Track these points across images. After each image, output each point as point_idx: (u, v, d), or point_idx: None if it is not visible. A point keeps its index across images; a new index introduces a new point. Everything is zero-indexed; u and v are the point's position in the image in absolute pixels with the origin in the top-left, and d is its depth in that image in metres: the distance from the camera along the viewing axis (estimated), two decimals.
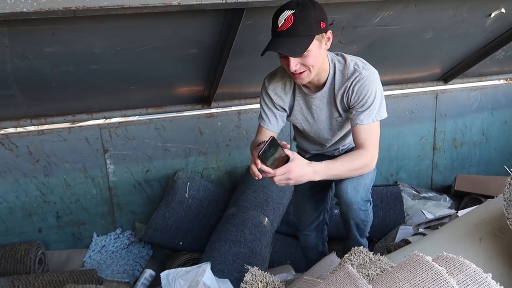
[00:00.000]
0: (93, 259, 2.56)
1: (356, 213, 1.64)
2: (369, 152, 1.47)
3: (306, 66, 1.40)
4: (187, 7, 1.47)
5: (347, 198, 1.60)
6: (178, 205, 2.43)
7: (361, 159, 1.46)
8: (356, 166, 1.46)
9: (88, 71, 1.95)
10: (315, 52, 1.39)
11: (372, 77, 1.46)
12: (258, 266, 1.61)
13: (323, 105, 1.58)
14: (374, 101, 1.46)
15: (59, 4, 1.32)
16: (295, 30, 1.32)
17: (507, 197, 1.31)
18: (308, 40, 1.34)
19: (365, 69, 1.47)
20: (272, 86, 1.59)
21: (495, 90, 3.32)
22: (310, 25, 1.33)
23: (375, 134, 1.49)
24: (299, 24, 1.31)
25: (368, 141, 1.47)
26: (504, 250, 1.36)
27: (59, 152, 2.47)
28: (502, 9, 2.15)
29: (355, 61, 1.51)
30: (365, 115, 1.46)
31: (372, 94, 1.45)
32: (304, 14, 1.32)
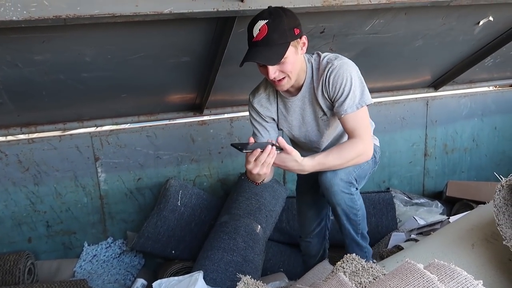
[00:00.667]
0: (84, 269, 2.52)
1: (339, 197, 1.56)
2: (361, 140, 1.46)
3: (284, 72, 1.43)
4: (179, 15, 1.47)
5: (325, 181, 1.55)
6: (170, 213, 2.42)
7: (354, 148, 1.46)
8: (350, 156, 1.46)
9: (79, 79, 1.94)
10: (292, 58, 1.42)
11: (345, 66, 1.46)
12: (251, 274, 1.60)
13: (305, 105, 1.59)
14: (352, 87, 1.45)
15: (49, 13, 1.32)
16: (270, 39, 1.35)
17: (497, 203, 1.32)
18: (283, 47, 1.37)
19: (337, 59, 1.48)
20: (256, 99, 1.63)
21: (484, 96, 3.36)
22: (284, 32, 1.36)
23: (363, 121, 1.49)
24: (273, 33, 1.35)
25: (357, 130, 1.47)
26: (497, 256, 1.36)
27: (50, 160, 2.44)
28: (490, 17, 2.18)
29: (329, 56, 1.52)
30: (347, 105, 1.46)
31: (348, 81, 1.45)
32: (277, 22, 1.35)
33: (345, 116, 1.47)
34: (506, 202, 1.34)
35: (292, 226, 2.56)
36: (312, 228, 1.93)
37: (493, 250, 1.39)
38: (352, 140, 1.48)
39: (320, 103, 1.55)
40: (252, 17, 1.64)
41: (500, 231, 1.29)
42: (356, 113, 1.47)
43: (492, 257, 1.37)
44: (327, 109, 1.56)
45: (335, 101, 1.49)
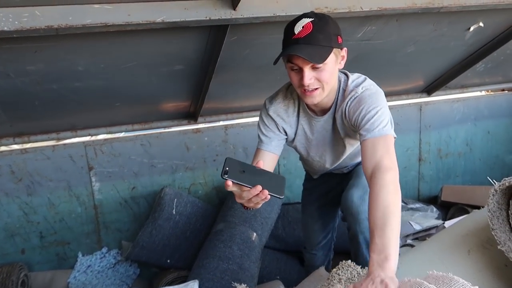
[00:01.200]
0: (78, 279, 2.49)
1: (363, 225, 1.45)
2: (381, 168, 1.18)
3: (320, 81, 1.27)
4: (171, 24, 1.48)
5: (353, 207, 1.45)
6: (165, 222, 2.40)
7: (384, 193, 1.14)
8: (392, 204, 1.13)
9: (72, 88, 1.93)
10: (331, 67, 1.27)
11: (369, 93, 1.32)
12: (247, 282, 1.59)
13: (329, 127, 1.46)
14: (375, 113, 1.27)
15: (41, 23, 1.32)
16: (315, 37, 1.21)
17: (491, 208, 1.32)
18: (327, 51, 1.23)
19: (365, 84, 1.35)
20: (273, 107, 1.47)
21: (477, 101, 3.39)
22: (329, 36, 1.24)
23: (388, 147, 1.25)
24: (318, 32, 1.22)
25: (382, 158, 1.20)
26: (493, 262, 1.36)
27: (43, 170, 2.42)
28: (480, 23, 2.21)
29: (357, 79, 1.39)
30: (367, 129, 1.27)
31: (368, 105, 1.29)
32: (323, 23, 1.24)
33: (366, 141, 1.26)
34: (500, 206, 1.34)
35: (288, 233, 2.55)
36: (318, 241, 1.86)
37: (489, 256, 1.38)
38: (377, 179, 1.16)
39: (338, 127, 1.43)
40: (245, 25, 1.66)
41: (494, 235, 1.30)
42: (379, 139, 1.25)
43: (488, 263, 1.37)
44: (345, 133, 1.44)
45: (357, 128, 1.32)
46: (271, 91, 2.51)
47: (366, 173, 1.23)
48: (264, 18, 1.57)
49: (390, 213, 1.11)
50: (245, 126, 2.75)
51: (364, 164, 1.25)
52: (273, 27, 1.74)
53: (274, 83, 2.28)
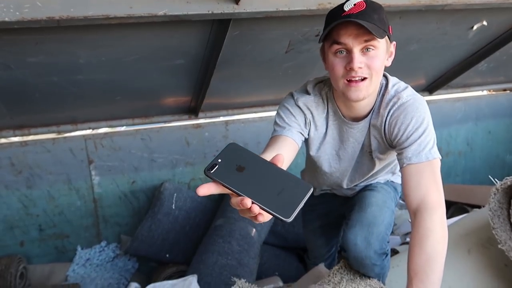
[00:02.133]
0: (77, 273, 2.50)
1: (369, 269, 1.29)
2: (428, 208, 1.06)
3: (370, 69, 1.08)
4: (173, 17, 1.46)
5: (356, 252, 1.25)
6: (164, 216, 2.40)
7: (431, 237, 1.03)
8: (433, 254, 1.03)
9: (72, 81, 1.92)
10: (383, 55, 1.10)
11: (416, 103, 1.16)
12: (245, 278, 1.59)
13: (362, 137, 1.26)
14: (423, 132, 1.12)
15: (42, 14, 1.30)
16: (369, 15, 1.04)
17: (492, 207, 1.32)
18: (381, 32, 1.05)
19: (408, 92, 1.19)
20: (303, 99, 1.24)
21: (478, 100, 3.38)
22: (383, 19, 1.08)
23: (436, 177, 1.10)
24: (373, 12, 1.06)
25: (424, 190, 1.08)
26: (493, 262, 1.36)
27: (43, 163, 2.42)
28: (484, 22, 2.19)
29: (398, 84, 1.23)
30: (412, 151, 1.12)
31: (415, 121, 1.13)
32: (377, 6, 1.09)
33: (409, 166, 1.11)
34: (501, 205, 1.34)
35: (287, 230, 2.55)
36: (322, 254, 1.78)
37: (489, 256, 1.38)
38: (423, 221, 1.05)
39: (371, 139, 1.25)
40: (247, 20, 1.64)
41: (495, 234, 1.29)
42: (426, 164, 1.10)
43: (488, 263, 1.37)
44: (375, 149, 1.27)
45: (398, 146, 1.16)
46: (273, 88, 2.52)
47: (410, 206, 1.10)
48: (267, 13, 1.56)
49: (433, 262, 1.01)
50: (246, 122, 2.75)
51: (408, 194, 1.11)
52: (276, 22, 1.73)
53: (276, 79, 2.29)
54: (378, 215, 1.29)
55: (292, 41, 1.92)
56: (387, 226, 1.30)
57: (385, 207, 1.34)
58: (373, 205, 1.32)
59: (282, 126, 1.21)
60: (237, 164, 0.73)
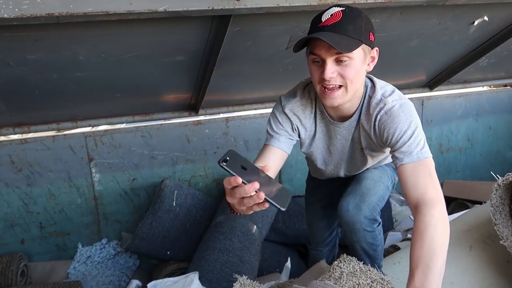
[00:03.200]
0: (77, 270, 2.50)
1: (360, 235, 1.39)
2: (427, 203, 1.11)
3: (344, 78, 1.15)
4: (173, 13, 1.45)
5: (348, 216, 1.37)
6: (165, 213, 2.40)
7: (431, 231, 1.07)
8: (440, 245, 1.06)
9: (72, 78, 1.91)
10: (358, 64, 1.15)
11: (403, 108, 1.21)
12: (247, 274, 1.59)
13: (349, 136, 1.35)
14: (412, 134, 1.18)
15: (41, 10, 1.29)
16: (342, 27, 1.10)
17: (494, 202, 1.32)
18: (355, 43, 1.11)
19: (395, 96, 1.24)
20: (290, 105, 1.34)
21: (479, 96, 3.38)
22: (360, 29, 1.12)
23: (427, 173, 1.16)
24: (348, 23, 1.10)
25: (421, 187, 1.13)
26: (494, 258, 1.36)
27: (43, 161, 2.42)
28: (485, 17, 2.19)
29: (385, 87, 1.28)
30: (403, 153, 1.18)
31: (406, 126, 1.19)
32: (355, 15, 1.13)
33: (405, 166, 1.17)
34: (503, 201, 1.34)
35: (288, 226, 2.55)
36: (324, 238, 1.84)
37: (491, 252, 1.38)
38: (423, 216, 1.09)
39: (361, 138, 1.33)
40: (248, 15, 1.64)
41: (497, 230, 1.29)
42: (420, 164, 1.16)
43: (490, 259, 1.37)
44: (367, 146, 1.35)
45: (391, 148, 1.24)
46: (273, 84, 2.51)
47: (410, 204, 1.16)
48: (267, 9, 1.55)
49: (434, 255, 1.04)
50: (246, 119, 2.74)
51: (407, 194, 1.16)
52: (276, 18, 1.72)
53: (277, 75, 2.28)
54: (372, 187, 1.40)
55: (293, 37, 1.91)
56: (380, 198, 1.41)
57: (380, 181, 1.45)
58: (368, 178, 1.44)
59: (272, 134, 1.35)
60: (240, 164, 0.89)
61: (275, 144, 1.33)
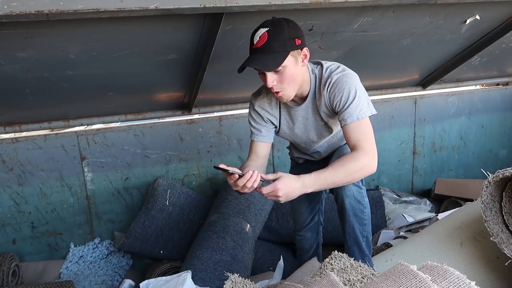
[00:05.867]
0: (70, 270, 2.48)
1: (348, 187, 1.56)
2: (363, 152, 1.41)
3: (282, 83, 1.42)
4: (165, 11, 1.45)
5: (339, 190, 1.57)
6: (158, 213, 2.39)
7: (356, 160, 1.39)
8: (352, 169, 1.39)
9: (63, 76, 1.90)
10: (291, 69, 1.41)
11: (346, 77, 1.45)
12: (240, 273, 1.59)
13: (308, 115, 1.60)
14: (354, 98, 1.43)
15: (31, 7, 1.28)
16: (269, 46, 1.36)
17: (484, 200, 1.33)
18: (282, 56, 1.37)
19: (339, 70, 1.48)
20: (258, 102, 1.64)
21: (471, 95, 3.40)
22: (284, 41, 1.36)
23: (365, 132, 1.44)
24: (273, 41, 1.35)
25: (360, 141, 1.42)
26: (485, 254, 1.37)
27: (34, 160, 2.40)
28: (476, 16, 2.20)
29: (331, 66, 1.51)
30: (348, 114, 1.43)
31: (349, 91, 1.43)
32: (278, 31, 1.36)
33: (346, 126, 1.44)
34: (493, 198, 1.34)
35: (282, 225, 2.55)
36: (306, 222, 1.94)
37: (482, 248, 1.39)
38: (353, 152, 1.42)
39: (321, 114, 1.56)
40: (240, 14, 1.64)
41: (487, 227, 1.30)
42: (358, 124, 1.43)
43: (480, 255, 1.38)
44: (328, 118, 1.57)
45: (338, 113, 1.48)
46: None
47: (349, 146, 1.45)
48: (259, 7, 1.55)
49: (344, 173, 1.37)
50: (239, 117, 2.74)
51: (347, 142, 1.46)
52: (268, 16, 1.70)
53: None
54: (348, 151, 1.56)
55: None
56: None
57: None
58: (345, 149, 1.64)
59: (254, 132, 1.66)
60: None
61: (257, 138, 1.64)
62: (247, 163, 1.61)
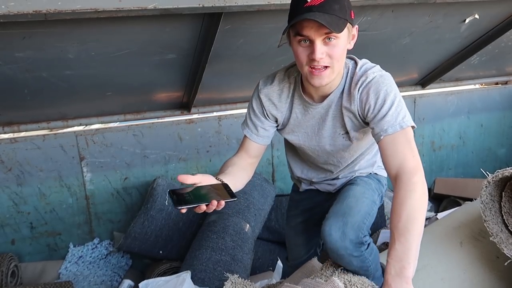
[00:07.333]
0: (69, 270, 2.48)
1: (346, 261, 1.27)
2: (407, 171, 1.12)
3: (331, 58, 1.15)
4: (164, 11, 1.44)
5: (331, 242, 1.24)
6: (157, 213, 2.38)
7: (411, 197, 1.09)
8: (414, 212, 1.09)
9: (62, 76, 1.89)
10: (344, 43, 1.16)
11: (382, 79, 1.22)
12: (239, 273, 1.59)
13: (327, 117, 1.32)
14: (392, 104, 1.18)
15: (29, 7, 1.28)
16: (330, 6, 1.09)
17: (483, 199, 1.33)
18: (342, 22, 1.11)
19: (375, 70, 1.25)
20: (266, 90, 1.35)
21: (470, 94, 3.40)
22: (344, 7, 1.12)
23: (407, 143, 1.16)
24: (334, 2, 1.10)
25: (407, 160, 1.13)
26: (485, 254, 1.37)
27: (33, 160, 2.39)
28: (475, 15, 2.20)
29: (366, 64, 1.28)
30: (387, 123, 1.17)
31: (383, 94, 1.19)
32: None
33: (387, 138, 1.16)
34: (492, 198, 1.34)
35: (281, 225, 2.55)
36: (300, 255, 1.72)
37: (481, 248, 1.39)
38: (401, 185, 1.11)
39: (345, 119, 1.29)
40: (239, 13, 1.63)
41: (487, 227, 1.30)
42: (403, 134, 1.16)
43: (480, 255, 1.38)
44: (352, 127, 1.31)
45: (371, 121, 1.21)
46: None
47: (390, 173, 1.17)
48: (258, 6, 1.55)
49: (414, 219, 1.08)
50: (238, 117, 2.73)
51: (387, 163, 1.18)
52: (267, 15, 1.72)
53: (269, 73, 2.27)
54: (354, 206, 1.32)
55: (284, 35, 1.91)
56: (365, 215, 1.31)
57: (363, 197, 1.37)
58: (350, 197, 1.36)
59: (249, 126, 1.40)
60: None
61: (252, 137, 1.39)
62: (232, 160, 1.38)
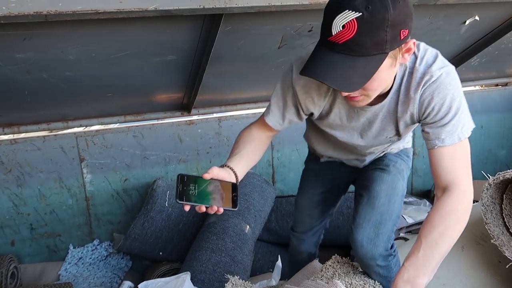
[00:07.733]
0: (69, 272, 2.47)
1: (373, 269, 1.28)
2: (459, 190, 1.05)
3: (367, 89, 0.99)
4: (164, 12, 1.44)
5: (362, 252, 1.25)
6: (157, 214, 2.38)
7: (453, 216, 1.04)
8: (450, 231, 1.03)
9: (62, 77, 1.89)
10: (384, 73, 0.97)
11: (448, 79, 1.07)
12: (239, 275, 1.58)
13: (375, 119, 1.17)
14: (456, 112, 1.06)
15: (29, 8, 1.27)
16: (358, 45, 0.89)
17: (484, 202, 1.33)
18: (375, 62, 0.92)
19: (439, 68, 1.07)
20: (303, 81, 1.12)
21: (471, 96, 3.39)
22: (383, 38, 0.89)
23: (466, 159, 1.08)
24: (365, 36, 0.88)
25: (458, 177, 1.06)
26: (486, 258, 1.37)
27: (33, 161, 2.39)
28: (476, 17, 2.20)
29: (427, 56, 1.09)
30: (446, 133, 1.06)
31: (449, 100, 1.06)
32: (378, 20, 0.87)
33: (442, 149, 1.06)
34: (493, 200, 1.34)
35: (281, 226, 2.54)
36: (312, 226, 1.66)
37: (483, 252, 1.39)
38: (446, 198, 1.05)
39: (399, 123, 1.16)
40: (239, 14, 1.62)
41: (488, 229, 1.30)
42: (459, 146, 1.06)
43: (482, 259, 1.37)
44: (404, 130, 1.20)
45: (428, 125, 1.10)
46: (266, 84, 2.51)
47: (437, 183, 1.08)
48: (259, 8, 1.54)
49: (448, 238, 1.03)
50: (239, 119, 2.73)
51: (439, 175, 1.08)
52: (268, 17, 1.71)
53: (270, 75, 2.28)
54: (385, 211, 1.28)
55: (285, 37, 1.91)
56: (395, 220, 1.31)
57: (394, 195, 1.32)
58: (381, 196, 1.30)
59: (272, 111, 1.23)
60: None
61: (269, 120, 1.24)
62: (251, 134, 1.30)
